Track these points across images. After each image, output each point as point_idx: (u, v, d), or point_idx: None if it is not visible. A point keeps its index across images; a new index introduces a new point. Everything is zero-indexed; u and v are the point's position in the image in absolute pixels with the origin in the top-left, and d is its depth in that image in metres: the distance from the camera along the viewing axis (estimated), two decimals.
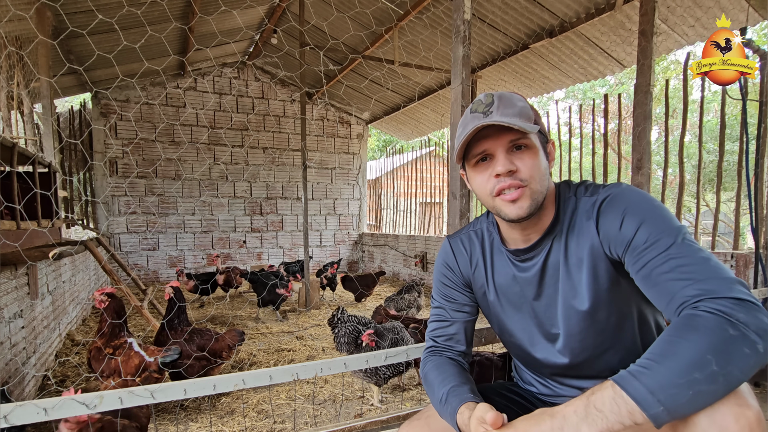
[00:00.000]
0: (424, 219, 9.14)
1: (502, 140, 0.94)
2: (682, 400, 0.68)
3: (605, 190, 0.97)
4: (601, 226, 0.94)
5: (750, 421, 0.69)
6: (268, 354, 3.86)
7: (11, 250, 2.19)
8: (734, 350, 0.69)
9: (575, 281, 0.99)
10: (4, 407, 1.13)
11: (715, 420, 0.70)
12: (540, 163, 0.95)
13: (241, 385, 1.36)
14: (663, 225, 0.86)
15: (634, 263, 0.88)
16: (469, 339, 1.17)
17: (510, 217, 0.96)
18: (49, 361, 3.42)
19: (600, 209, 0.95)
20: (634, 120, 3.43)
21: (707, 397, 0.69)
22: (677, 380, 0.68)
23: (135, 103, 7.58)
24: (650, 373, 0.70)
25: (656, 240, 0.85)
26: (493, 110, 0.93)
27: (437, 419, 1.03)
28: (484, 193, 0.99)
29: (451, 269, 1.17)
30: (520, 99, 0.97)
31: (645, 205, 0.90)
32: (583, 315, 0.98)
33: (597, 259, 0.95)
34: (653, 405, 0.68)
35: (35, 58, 4.22)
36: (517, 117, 0.92)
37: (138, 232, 7.77)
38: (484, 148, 0.95)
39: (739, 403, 0.70)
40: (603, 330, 0.99)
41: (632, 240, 0.88)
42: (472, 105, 0.97)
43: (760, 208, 3.03)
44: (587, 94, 14.89)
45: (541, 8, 4.87)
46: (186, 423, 2.55)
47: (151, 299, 5.03)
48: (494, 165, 0.95)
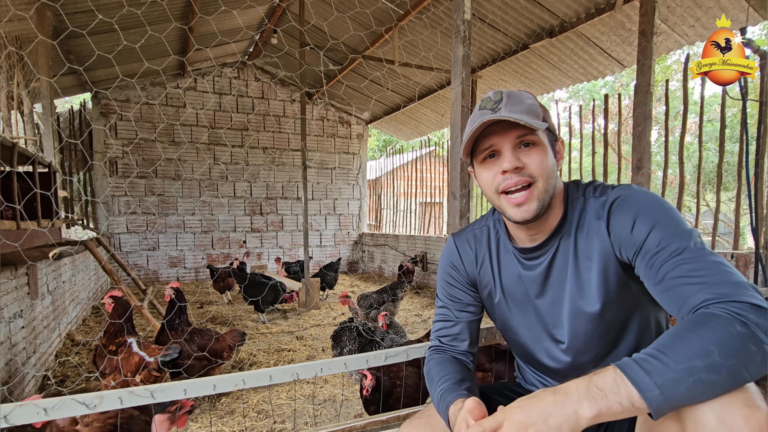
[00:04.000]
0: (424, 219, 9.17)
1: (509, 136, 0.93)
2: (681, 387, 0.68)
3: (615, 191, 0.96)
4: (612, 228, 0.93)
5: (761, 422, 0.69)
6: (268, 354, 3.87)
7: (11, 250, 2.19)
8: (739, 345, 0.69)
9: (584, 282, 0.98)
10: (4, 407, 1.13)
11: (725, 421, 0.69)
12: (548, 160, 0.95)
13: (241, 385, 1.36)
14: (675, 229, 0.86)
15: (645, 267, 0.87)
16: (474, 338, 1.16)
17: (515, 220, 0.96)
18: (49, 361, 3.42)
19: (611, 210, 0.94)
20: (635, 120, 3.39)
21: (708, 388, 0.69)
22: (676, 366, 0.69)
23: (135, 103, 7.59)
24: (652, 360, 0.71)
25: (668, 244, 0.84)
26: (502, 107, 0.92)
27: (438, 418, 1.02)
28: (490, 190, 0.98)
29: (456, 269, 1.16)
30: (529, 96, 0.97)
31: (657, 208, 0.89)
32: (591, 316, 0.98)
33: (607, 261, 0.95)
34: (650, 388, 0.68)
35: (35, 58, 4.23)
36: (525, 114, 0.91)
37: (138, 232, 7.78)
38: (491, 144, 0.95)
39: (749, 404, 0.70)
40: (608, 331, 0.99)
41: (644, 243, 0.87)
42: (481, 102, 0.97)
43: (760, 208, 3.04)
44: (592, 94, 14.89)
45: (541, 8, 4.88)
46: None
47: (151, 299, 5.04)
48: (501, 161, 0.95)
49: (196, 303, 6.05)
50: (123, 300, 2.80)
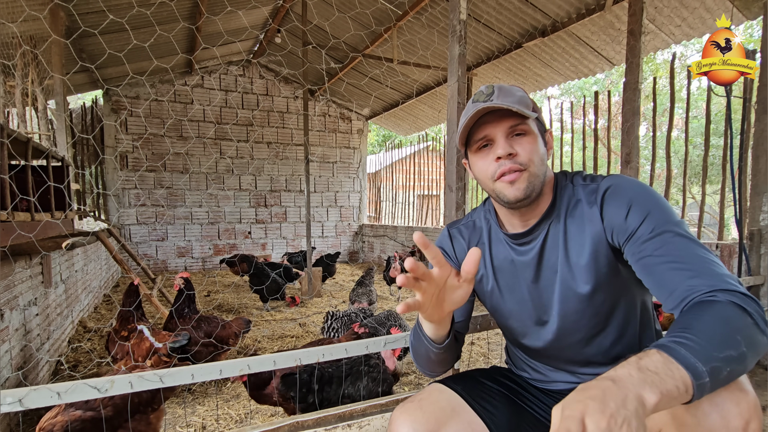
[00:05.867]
0: (422, 211, 9.20)
1: (502, 125, 0.95)
2: (721, 375, 0.66)
3: (607, 179, 0.98)
4: (605, 214, 0.95)
5: (749, 405, 0.71)
6: (272, 340, 3.89)
7: (26, 241, 2.22)
8: (754, 336, 0.71)
9: (574, 264, 0.99)
10: (20, 391, 1.13)
11: (716, 403, 0.71)
12: (538, 148, 0.97)
13: (246, 370, 1.36)
14: (666, 218, 0.88)
15: (636, 252, 0.89)
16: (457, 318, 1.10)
17: (508, 198, 0.97)
18: (62, 347, 3.43)
19: (605, 197, 0.95)
20: (624, 116, 3.40)
21: (732, 377, 0.69)
22: (717, 354, 0.66)
23: (144, 100, 7.64)
24: (693, 345, 0.66)
25: (660, 232, 0.86)
26: (494, 98, 0.95)
27: (429, 402, 1.03)
28: (485, 177, 1.00)
29: (447, 255, 1.17)
30: (519, 90, 0.99)
31: (650, 198, 0.91)
32: (581, 297, 0.99)
33: (599, 245, 0.96)
34: (702, 375, 0.64)
35: (49, 56, 4.29)
36: (516, 104, 0.93)
37: (147, 224, 7.86)
38: (485, 133, 0.97)
39: (738, 388, 0.72)
40: (597, 313, 1.00)
41: (636, 230, 0.89)
42: (474, 96, 0.98)
43: (744, 201, 3.04)
44: (583, 91, 14.95)
45: (533, 9, 4.93)
46: (193, 406, 2.58)
47: (160, 288, 4.99)
48: (495, 149, 0.97)
49: (203, 291, 6.10)
50: (134, 287, 2.85)
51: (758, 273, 2.85)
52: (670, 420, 0.76)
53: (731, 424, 0.70)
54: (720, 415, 0.70)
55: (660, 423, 0.78)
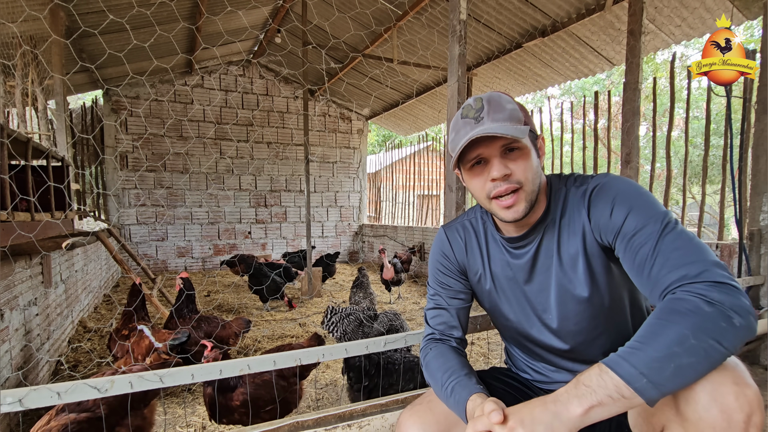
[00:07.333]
0: (422, 211, 9.23)
1: (495, 146, 0.95)
2: (666, 372, 0.70)
3: (594, 179, 1.00)
4: (592, 215, 0.96)
5: (750, 399, 0.72)
6: (272, 340, 3.88)
7: (26, 241, 2.21)
8: (710, 325, 0.71)
9: (568, 267, 1.00)
10: (20, 391, 1.12)
11: (716, 398, 0.72)
12: (532, 163, 0.97)
13: (246, 370, 1.36)
14: (649, 212, 0.89)
15: (623, 250, 0.90)
16: (464, 325, 1.17)
17: (507, 219, 0.99)
18: (62, 347, 3.43)
19: (591, 198, 0.97)
20: (624, 116, 3.41)
21: (690, 370, 0.71)
22: (657, 354, 0.71)
23: (144, 100, 7.65)
24: (634, 352, 0.73)
25: (643, 226, 0.87)
26: (484, 116, 0.94)
27: (439, 403, 1.03)
28: (481, 196, 1.01)
29: (446, 257, 1.18)
30: (509, 101, 0.97)
31: (632, 193, 0.92)
32: (579, 300, 1.00)
33: (590, 246, 0.98)
34: (637, 378, 0.70)
35: (49, 56, 4.31)
36: (507, 121, 0.93)
37: (147, 224, 7.88)
38: (478, 153, 0.97)
39: (738, 382, 0.72)
40: (597, 314, 1.01)
41: (621, 227, 0.90)
42: (462, 110, 0.98)
43: (744, 201, 3.06)
44: (583, 91, 14.95)
45: (533, 9, 4.94)
46: (193, 406, 2.57)
47: (160, 288, 5.01)
48: (490, 170, 0.96)
49: (203, 291, 6.09)
50: (137, 287, 2.85)
51: (758, 273, 2.86)
52: (673, 416, 0.77)
53: (733, 418, 0.71)
54: (720, 410, 0.71)
55: (663, 420, 0.80)
